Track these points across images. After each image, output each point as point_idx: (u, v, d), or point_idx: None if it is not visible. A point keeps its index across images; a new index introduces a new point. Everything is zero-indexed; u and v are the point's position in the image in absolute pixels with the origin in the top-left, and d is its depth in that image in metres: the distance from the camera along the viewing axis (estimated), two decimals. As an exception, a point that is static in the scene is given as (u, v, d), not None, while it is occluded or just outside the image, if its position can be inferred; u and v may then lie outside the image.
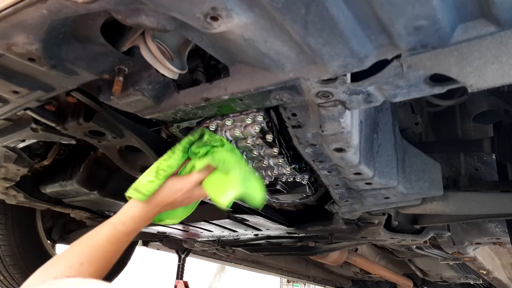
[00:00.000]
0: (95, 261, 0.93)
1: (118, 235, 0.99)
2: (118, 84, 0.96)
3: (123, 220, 1.02)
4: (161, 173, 1.07)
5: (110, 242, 0.97)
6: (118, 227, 1.00)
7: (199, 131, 1.13)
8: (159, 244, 3.54)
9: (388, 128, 1.41)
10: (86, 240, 0.96)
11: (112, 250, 0.97)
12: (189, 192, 1.09)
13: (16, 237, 2.51)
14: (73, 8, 0.70)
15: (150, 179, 1.06)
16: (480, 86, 0.79)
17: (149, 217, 1.06)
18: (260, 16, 0.71)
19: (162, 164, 1.08)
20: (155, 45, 0.93)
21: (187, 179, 1.09)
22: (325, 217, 1.98)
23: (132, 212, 1.03)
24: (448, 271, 4.45)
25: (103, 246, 0.96)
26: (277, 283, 11.31)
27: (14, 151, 1.61)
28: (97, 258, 0.93)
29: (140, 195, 1.04)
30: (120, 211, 1.04)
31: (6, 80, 0.98)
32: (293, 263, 5.06)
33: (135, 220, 1.03)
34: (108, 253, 0.96)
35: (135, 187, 1.05)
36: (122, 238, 1.00)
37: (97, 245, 0.95)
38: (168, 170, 1.08)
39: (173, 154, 1.10)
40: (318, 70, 0.83)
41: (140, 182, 1.06)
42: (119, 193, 1.93)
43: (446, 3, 0.67)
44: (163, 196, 1.07)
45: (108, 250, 0.96)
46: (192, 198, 1.12)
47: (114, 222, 1.01)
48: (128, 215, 1.03)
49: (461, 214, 1.87)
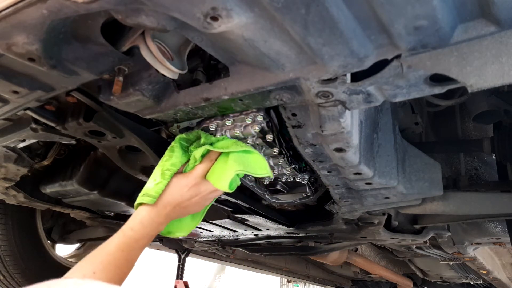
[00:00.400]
0: (107, 270, 0.93)
1: (128, 241, 0.99)
2: (118, 84, 0.96)
3: (131, 226, 1.02)
4: (166, 173, 1.08)
5: (121, 249, 0.97)
6: (127, 233, 1.00)
7: (195, 133, 1.14)
8: (159, 244, 3.53)
9: (388, 128, 1.41)
10: (98, 250, 0.97)
11: (123, 257, 0.97)
12: (196, 187, 1.08)
13: (16, 237, 2.51)
14: (73, 8, 0.70)
15: (157, 180, 1.06)
16: (480, 86, 0.79)
17: (159, 221, 1.05)
18: (260, 16, 0.71)
19: (165, 164, 1.09)
20: (155, 45, 0.93)
21: (191, 173, 1.09)
22: (325, 217, 1.98)
23: (139, 217, 1.03)
24: (448, 271, 4.45)
25: (114, 253, 0.96)
26: (277, 283, 11.32)
27: (14, 151, 1.61)
28: (108, 266, 0.93)
29: (150, 198, 1.04)
30: (129, 218, 1.04)
31: (6, 80, 0.98)
32: (293, 263, 5.06)
33: (143, 225, 1.02)
34: (119, 261, 0.96)
35: (144, 193, 1.05)
36: (133, 245, 1.00)
37: (108, 253, 0.96)
38: (173, 169, 1.08)
39: (173, 153, 1.10)
40: (318, 70, 0.83)
41: (148, 187, 1.07)
42: (119, 193, 1.93)
43: (446, 3, 0.67)
44: (170, 195, 1.06)
45: (119, 258, 0.96)
46: (200, 195, 1.10)
47: (123, 229, 1.01)
48: (136, 220, 1.03)
49: (461, 214, 1.87)
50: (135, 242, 1.00)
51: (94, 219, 2.39)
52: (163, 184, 1.06)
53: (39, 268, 2.67)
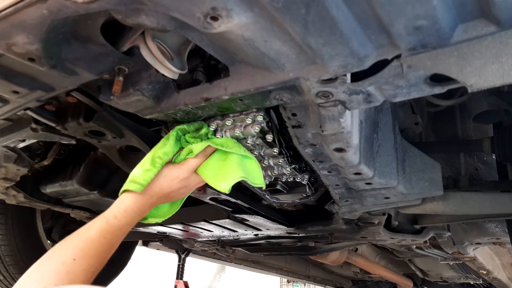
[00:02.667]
0: (88, 256, 0.91)
1: (111, 229, 0.97)
2: (118, 84, 0.96)
3: (115, 214, 0.99)
4: (157, 161, 1.04)
5: (103, 236, 0.95)
6: (110, 221, 0.98)
7: (197, 124, 1.12)
8: (159, 244, 3.54)
9: (388, 128, 1.41)
10: (79, 235, 0.94)
11: (105, 244, 0.95)
12: (186, 180, 1.07)
13: (16, 237, 2.51)
14: (73, 8, 0.70)
15: (147, 167, 1.02)
16: (480, 86, 0.79)
17: (144, 209, 1.04)
18: (260, 16, 0.71)
19: (157, 152, 1.05)
20: (155, 45, 0.93)
21: (184, 165, 1.07)
22: (325, 217, 1.98)
23: (124, 205, 1.01)
24: (448, 271, 4.45)
25: (96, 240, 0.93)
26: (277, 283, 11.32)
27: (14, 151, 1.61)
28: (89, 253, 0.91)
29: (138, 186, 1.00)
30: (113, 204, 1.02)
31: (6, 80, 0.98)
32: (293, 263, 5.06)
33: (127, 213, 1.00)
34: (101, 248, 0.94)
35: (131, 179, 1.02)
36: (115, 232, 0.98)
37: (90, 239, 0.93)
38: (165, 158, 1.05)
39: (167, 141, 1.07)
40: (318, 70, 0.83)
41: (136, 173, 1.03)
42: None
43: (446, 3, 0.67)
44: (159, 185, 1.04)
45: (101, 245, 0.94)
46: (188, 187, 1.10)
47: (106, 215, 0.99)
48: (121, 208, 1.00)
49: (461, 214, 1.87)
50: (118, 229, 0.98)
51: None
52: (153, 173, 1.03)
53: (39, 268, 2.66)
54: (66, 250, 0.91)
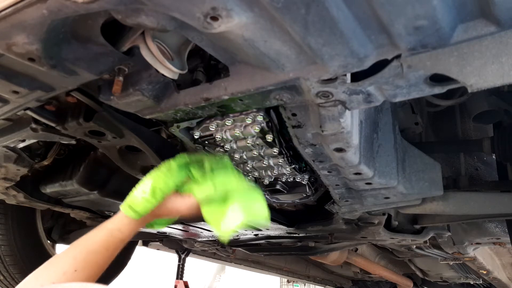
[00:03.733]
0: (90, 267, 0.92)
1: (114, 241, 0.99)
2: (118, 84, 0.96)
3: (120, 227, 1.01)
4: (158, 192, 1.01)
5: (106, 248, 0.97)
6: (115, 234, 0.99)
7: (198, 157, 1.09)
8: (159, 244, 3.54)
9: (388, 128, 1.41)
10: (82, 246, 0.96)
11: (107, 256, 0.97)
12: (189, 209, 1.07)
13: (16, 237, 2.51)
14: (73, 8, 0.70)
15: (146, 197, 1.00)
16: (480, 86, 0.79)
17: (145, 223, 1.07)
18: (260, 16, 0.71)
19: (159, 182, 1.02)
20: (155, 45, 0.93)
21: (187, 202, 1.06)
22: (325, 217, 1.98)
23: (127, 221, 1.02)
24: (448, 271, 4.45)
25: (99, 252, 0.95)
26: (277, 283, 11.31)
27: (14, 151, 1.61)
28: (91, 264, 0.93)
29: (135, 214, 1.00)
30: (117, 217, 1.02)
31: (6, 80, 0.98)
32: (293, 263, 5.06)
33: (131, 227, 1.02)
34: (103, 260, 0.96)
35: (130, 204, 1.00)
36: (117, 244, 1.00)
37: (93, 252, 0.95)
38: (165, 190, 1.02)
39: (169, 172, 1.03)
40: (318, 70, 0.83)
41: (135, 198, 1.01)
42: (119, 193, 1.93)
43: (446, 3, 0.67)
44: (159, 210, 1.05)
45: (103, 257, 0.96)
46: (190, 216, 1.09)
47: (111, 228, 1.00)
48: (124, 223, 1.01)
49: (461, 214, 1.87)
50: (121, 241, 1.00)
51: (94, 219, 2.39)
52: (152, 205, 1.01)
53: (39, 268, 2.66)
54: (68, 260, 0.92)
